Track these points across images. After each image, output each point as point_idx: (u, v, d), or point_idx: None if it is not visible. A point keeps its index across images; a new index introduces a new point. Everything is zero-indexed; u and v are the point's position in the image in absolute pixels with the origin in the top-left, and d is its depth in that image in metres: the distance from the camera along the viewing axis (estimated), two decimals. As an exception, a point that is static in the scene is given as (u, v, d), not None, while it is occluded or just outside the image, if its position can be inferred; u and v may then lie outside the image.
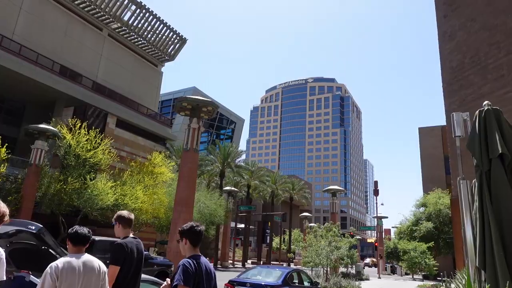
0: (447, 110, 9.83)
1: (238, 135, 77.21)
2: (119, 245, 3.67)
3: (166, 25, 39.47)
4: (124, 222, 3.86)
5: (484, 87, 8.68)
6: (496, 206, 3.64)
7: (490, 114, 3.95)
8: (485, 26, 9.05)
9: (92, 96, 31.74)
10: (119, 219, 3.86)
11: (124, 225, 3.87)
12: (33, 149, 20.64)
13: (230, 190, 37.47)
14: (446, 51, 10.14)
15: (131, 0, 35.36)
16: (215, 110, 18.47)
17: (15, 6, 28.32)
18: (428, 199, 34.46)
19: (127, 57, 38.31)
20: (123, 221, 3.86)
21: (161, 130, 38.89)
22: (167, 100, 68.33)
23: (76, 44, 32.97)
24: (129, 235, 3.87)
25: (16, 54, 26.68)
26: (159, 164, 25.93)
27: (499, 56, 8.45)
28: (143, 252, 3.99)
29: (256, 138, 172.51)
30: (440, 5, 10.65)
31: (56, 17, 31.53)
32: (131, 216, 3.94)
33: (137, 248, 3.82)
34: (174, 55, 42.39)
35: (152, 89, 41.41)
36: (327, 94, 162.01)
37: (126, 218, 3.88)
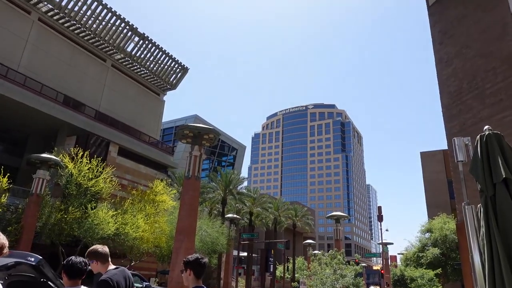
0: (448, 135, 9.86)
1: (239, 162, 77.15)
2: (103, 281, 3.40)
3: (168, 55, 40.36)
4: (102, 258, 3.63)
5: (483, 112, 8.74)
6: (504, 232, 3.58)
7: (491, 138, 3.97)
8: (480, 53, 9.22)
9: (94, 125, 32.05)
10: (96, 256, 3.60)
11: (103, 260, 3.63)
12: (35, 178, 20.62)
13: (232, 217, 37.05)
14: (444, 77, 10.29)
15: (135, 32, 36.33)
16: (217, 137, 18.57)
17: (21, 40, 29.12)
18: (434, 224, 33.94)
19: (129, 86, 38.96)
20: (101, 256, 3.62)
21: (162, 158, 38.95)
22: (169, 128, 68.81)
23: (80, 74, 33.64)
24: (110, 267, 3.65)
25: (20, 85, 27.18)
26: (161, 192, 25.82)
27: (496, 82, 8.56)
28: (131, 278, 3.80)
29: (258, 164, 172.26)
30: (436, 33, 10.90)
31: (61, 48, 32.33)
32: (105, 249, 3.73)
33: (124, 277, 3.61)
34: (176, 84, 43.09)
35: (154, 117, 41.82)
36: (328, 120, 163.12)
37: (103, 253, 3.64)
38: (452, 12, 10.87)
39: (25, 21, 29.62)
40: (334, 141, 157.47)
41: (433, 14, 11.75)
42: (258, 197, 48.14)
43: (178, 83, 43.28)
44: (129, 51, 37.36)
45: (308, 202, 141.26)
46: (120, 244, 22.21)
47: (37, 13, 30.44)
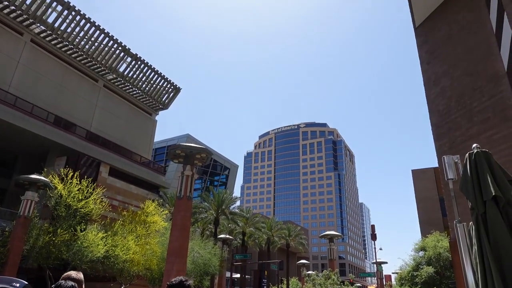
0: (438, 153, 9.97)
1: (232, 181, 76.74)
2: None
3: (160, 75, 40.60)
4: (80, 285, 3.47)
5: (472, 129, 8.89)
6: (495, 250, 3.59)
7: (480, 156, 4.02)
8: (467, 72, 9.46)
9: (85, 146, 31.79)
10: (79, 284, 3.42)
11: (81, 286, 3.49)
12: (23, 200, 20.21)
13: (225, 238, 36.54)
14: (432, 96, 10.49)
15: (127, 53, 36.59)
16: (209, 157, 18.52)
17: (13, 60, 29.11)
18: (427, 242, 33.86)
19: (121, 106, 38.92)
20: (80, 283, 3.46)
21: (154, 178, 38.59)
22: (160, 147, 68.50)
23: (71, 94, 33.57)
24: None
25: (11, 106, 26.99)
26: (152, 212, 25.45)
27: (482, 100, 8.75)
28: None
29: (251, 184, 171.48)
30: (423, 53, 11.18)
31: (53, 69, 32.36)
32: (80, 275, 3.56)
33: None
34: (168, 103, 43.19)
35: (146, 137, 41.67)
36: (320, 138, 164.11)
37: (76, 279, 3.46)
38: (438, 33, 11.19)
39: (18, 42, 29.70)
40: (326, 160, 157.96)
41: (419, 35, 12.08)
42: (251, 217, 47.69)
43: (170, 103, 43.39)
44: (121, 72, 37.53)
45: (302, 221, 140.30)
46: (110, 267, 21.67)
47: (29, 34, 30.58)
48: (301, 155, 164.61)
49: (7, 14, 28.76)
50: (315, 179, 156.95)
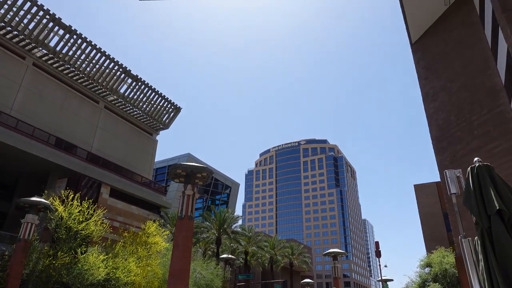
0: (439, 167, 9.94)
1: (233, 200, 76.29)
2: None
3: (160, 95, 40.95)
4: None
5: (472, 143, 8.89)
6: (503, 266, 3.53)
7: (482, 170, 4.01)
8: (464, 87, 9.54)
9: (86, 167, 31.78)
10: None
11: None
12: (23, 223, 20.04)
13: (227, 258, 36.04)
14: (431, 110, 10.54)
15: (128, 74, 37.03)
16: (210, 176, 18.45)
17: (15, 84, 29.45)
18: (432, 258, 33.36)
19: (122, 127, 39.12)
20: None
21: (155, 198, 38.41)
22: (161, 167, 68.44)
23: (72, 116, 33.80)
24: None
25: (12, 129, 27.14)
26: (153, 233, 25.21)
27: (482, 113, 8.79)
28: None
29: (252, 202, 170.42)
30: (420, 69, 11.30)
31: (54, 91, 32.69)
32: None
33: None
34: (168, 123, 43.40)
35: (147, 157, 41.70)
36: (320, 155, 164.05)
37: None
38: (435, 49, 11.34)
39: (20, 66, 30.11)
40: (327, 176, 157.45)
41: (416, 51, 12.25)
42: (253, 236, 47.17)
43: (171, 123, 43.60)
44: (122, 93, 37.88)
45: (304, 239, 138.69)
46: (110, 290, 21.30)
47: (31, 58, 31.03)
48: (302, 172, 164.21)
49: (10, 39, 29.26)
50: (317, 196, 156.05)
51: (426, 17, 11.66)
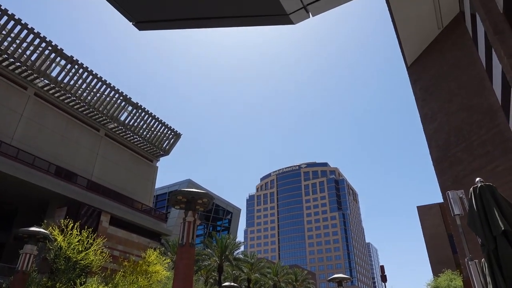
0: (442, 188, 9.88)
1: (235, 226, 75.32)
2: None
3: (160, 122, 41.24)
4: None
5: (473, 163, 8.87)
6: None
7: (484, 190, 3.98)
8: (462, 107, 9.62)
9: (86, 195, 31.58)
10: None
11: None
12: (22, 254, 19.69)
13: (230, 285, 35.18)
14: (431, 131, 10.58)
15: (128, 102, 37.43)
16: (211, 202, 18.30)
17: (16, 114, 29.72)
18: (439, 282, 32.56)
19: (122, 154, 39.16)
20: None
21: (156, 225, 37.95)
22: (162, 194, 68.01)
23: (73, 144, 33.90)
24: None
25: (13, 158, 27.16)
26: (154, 262, 24.74)
27: (481, 134, 8.82)
28: None
29: (254, 227, 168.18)
30: (417, 90, 11.43)
31: (55, 120, 32.94)
32: None
33: None
34: (168, 150, 43.47)
35: (147, 184, 41.50)
36: (322, 178, 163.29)
37: None
38: (430, 71, 11.52)
39: (22, 96, 30.49)
40: (329, 200, 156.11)
41: (412, 74, 12.44)
42: (255, 262, 46.26)
43: (171, 149, 43.67)
44: (123, 120, 38.16)
45: (308, 265, 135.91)
46: (110, 322, 20.70)
47: (33, 88, 31.47)
48: (304, 196, 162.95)
49: (13, 70, 29.78)
50: (320, 220, 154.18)
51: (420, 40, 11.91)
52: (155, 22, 2.87)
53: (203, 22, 2.67)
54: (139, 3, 2.72)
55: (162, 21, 2.85)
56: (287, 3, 2.42)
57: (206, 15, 2.64)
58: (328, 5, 2.38)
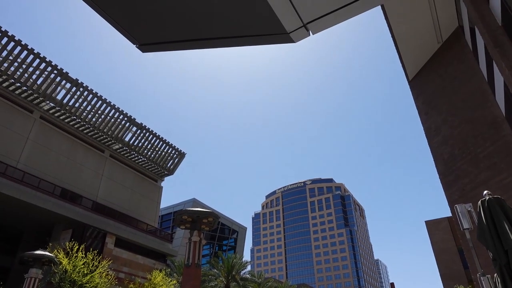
0: (449, 201, 9.76)
1: (241, 245, 74.42)
2: None
3: (165, 142, 41.42)
4: None
5: (480, 176, 8.78)
6: (526, 304, 3.35)
7: (492, 203, 3.92)
8: (465, 120, 9.59)
9: (91, 217, 31.49)
10: None
11: None
12: (27, 278, 19.53)
13: (237, 307, 34.53)
14: (435, 145, 10.54)
15: (133, 122, 37.74)
16: (216, 221, 18.16)
17: (22, 137, 30.02)
18: (452, 299, 31.76)
19: (127, 175, 39.21)
20: None
21: (161, 246, 37.60)
22: (167, 214, 67.64)
23: (78, 166, 34.05)
24: None
25: (18, 182, 27.27)
26: (160, 283, 24.42)
27: (486, 146, 8.76)
28: None
29: (260, 246, 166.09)
30: (420, 104, 11.45)
31: (60, 142, 33.20)
32: None
33: None
34: (173, 169, 43.49)
35: (152, 204, 41.37)
36: (327, 194, 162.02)
37: None
38: (432, 84, 11.56)
39: (28, 119, 30.86)
40: (336, 216, 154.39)
41: (414, 88, 12.48)
42: (263, 282, 45.45)
43: (175, 168, 43.70)
44: (127, 141, 38.39)
45: (316, 283, 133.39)
46: None
47: (39, 111, 31.87)
48: (310, 213, 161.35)
49: (19, 94, 30.25)
50: (327, 237, 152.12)
51: (420, 54, 12.01)
52: (158, 44, 2.92)
53: (206, 42, 2.71)
54: (142, 26, 2.78)
55: (165, 43, 2.90)
56: (287, 22, 2.46)
57: (209, 36, 2.69)
58: (328, 23, 2.41)
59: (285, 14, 2.39)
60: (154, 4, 2.53)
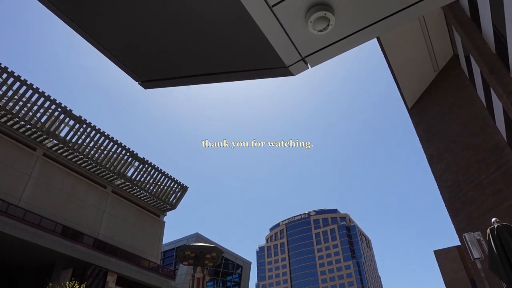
0: (457, 230, 9.56)
1: (246, 280, 72.31)
2: None
3: (167, 176, 41.33)
4: None
5: (486, 203, 8.65)
6: (546, 337, 3.19)
7: (502, 231, 3.84)
8: (467, 146, 9.59)
9: (92, 254, 30.88)
10: None
11: None
12: (25, 321, 18.90)
13: None
14: (439, 172, 10.47)
15: (135, 157, 37.85)
16: (220, 256, 17.77)
17: (25, 175, 30.03)
18: (468, 333, 30.37)
19: (129, 210, 38.84)
20: None
21: (164, 284, 36.59)
22: (169, 250, 66.31)
23: (80, 203, 33.81)
24: None
25: (20, 220, 26.99)
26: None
27: (490, 172, 8.69)
28: None
29: (266, 281, 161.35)
30: (421, 132, 11.49)
31: (63, 179, 33.15)
32: None
33: None
34: (175, 203, 43.11)
35: (154, 240, 40.67)
36: (332, 225, 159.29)
37: None
38: (431, 112, 11.66)
39: (31, 157, 31.01)
40: (342, 248, 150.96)
41: (414, 116, 12.58)
42: (269, 319, 43.76)
43: (178, 203, 43.31)
44: (129, 176, 38.33)
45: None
46: None
47: (42, 149, 32.08)
48: (315, 245, 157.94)
49: (23, 133, 30.59)
50: (333, 269, 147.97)
51: (418, 83, 12.20)
52: (160, 80, 2.98)
53: (207, 78, 2.77)
54: (144, 63, 2.85)
55: (167, 79, 2.96)
56: (286, 56, 2.52)
57: (210, 71, 2.75)
58: (326, 56, 2.47)
59: (284, 49, 2.46)
60: (156, 42, 2.61)
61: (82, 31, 2.55)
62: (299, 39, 2.37)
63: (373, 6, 2.16)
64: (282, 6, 2.16)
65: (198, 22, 2.44)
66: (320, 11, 2.14)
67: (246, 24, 2.33)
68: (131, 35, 2.60)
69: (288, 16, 2.23)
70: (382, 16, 2.22)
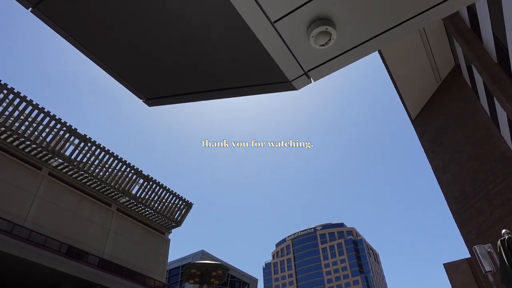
0: (466, 241, 9.41)
1: (252, 298, 71.15)
2: None
3: (172, 193, 41.24)
4: None
5: (495, 213, 8.53)
6: None
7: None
8: (473, 156, 9.52)
9: (97, 274, 30.60)
10: None
11: None
12: None
13: None
14: (445, 183, 10.37)
15: (140, 175, 37.88)
16: (226, 273, 17.55)
17: (30, 195, 30.10)
18: None
19: (134, 228, 38.65)
20: None
21: (169, 302, 36.08)
22: (175, 268, 65.66)
23: (85, 222, 33.72)
24: None
25: (25, 241, 26.89)
26: None
27: (497, 182, 8.60)
28: None
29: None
30: (425, 143, 11.44)
31: (68, 198, 33.17)
32: None
33: None
34: (180, 220, 42.88)
35: (160, 258, 40.30)
36: (339, 240, 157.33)
37: None
38: (435, 122, 11.63)
39: (36, 177, 31.12)
40: (349, 262, 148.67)
41: (418, 127, 12.55)
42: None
43: (183, 220, 43.06)
44: (134, 194, 38.29)
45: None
46: None
47: (47, 168, 32.22)
48: (323, 260, 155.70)
49: (28, 152, 30.80)
50: (342, 285, 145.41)
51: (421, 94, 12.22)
52: (164, 98, 3.01)
53: (211, 94, 2.80)
54: (149, 81, 2.88)
55: (171, 96, 2.99)
56: (289, 71, 2.54)
57: (214, 88, 2.78)
58: (328, 70, 2.49)
59: (286, 64, 2.48)
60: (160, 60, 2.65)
61: (88, 52, 2.59)
62: (301, 54, 2.39)
63: (374, 20, 2.19)
64: (283, 22, 2.19)
65: (201, 40, 2.48)
66: (322, 26, 2.16)
67: (249, 41, 2.36)
68: (135, 54, 2.65)
69: (290, 32, 2.26)
70: (383, 30, 2.24)
